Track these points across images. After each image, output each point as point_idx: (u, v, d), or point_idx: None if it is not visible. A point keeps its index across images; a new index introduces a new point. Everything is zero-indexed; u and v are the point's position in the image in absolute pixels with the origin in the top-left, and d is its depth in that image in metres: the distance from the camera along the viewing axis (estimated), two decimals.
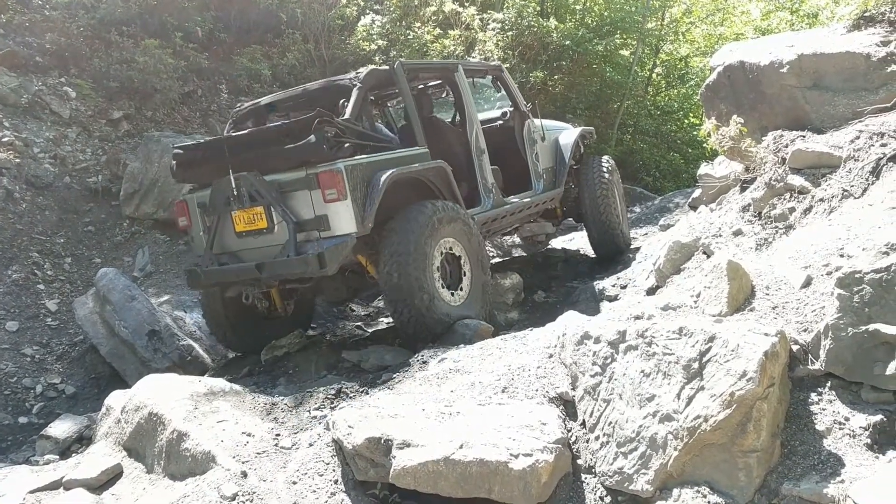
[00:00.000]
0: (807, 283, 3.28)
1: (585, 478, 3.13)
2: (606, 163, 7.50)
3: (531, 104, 7.11)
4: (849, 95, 5.02)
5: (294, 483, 3.47)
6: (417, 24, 11.66)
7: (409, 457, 3.10)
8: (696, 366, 2.91)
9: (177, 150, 5.62)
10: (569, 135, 7.51)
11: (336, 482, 3.43)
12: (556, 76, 12.23)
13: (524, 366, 3.71)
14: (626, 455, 3.00)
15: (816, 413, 2.88)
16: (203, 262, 5.38)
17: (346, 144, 4.99)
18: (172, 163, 5.61)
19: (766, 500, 2.72)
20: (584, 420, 3.26)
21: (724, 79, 5.76)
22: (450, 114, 7.42)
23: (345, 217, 4.89)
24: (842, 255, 3.29)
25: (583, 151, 7.69)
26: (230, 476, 3.50)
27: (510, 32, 11.48)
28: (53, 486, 4.08)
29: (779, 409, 2.86)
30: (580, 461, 3.18)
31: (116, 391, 4.78)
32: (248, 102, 6.28)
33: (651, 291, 5.24)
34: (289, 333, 5.98)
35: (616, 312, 3.53)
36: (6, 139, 8.02)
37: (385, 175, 5.05)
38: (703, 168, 6.90)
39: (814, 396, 2.93)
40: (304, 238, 4.98)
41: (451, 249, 5.44)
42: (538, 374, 3.61)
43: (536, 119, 7.07)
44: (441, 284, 5.27)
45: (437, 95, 7.31)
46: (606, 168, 7.41)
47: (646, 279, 5.75)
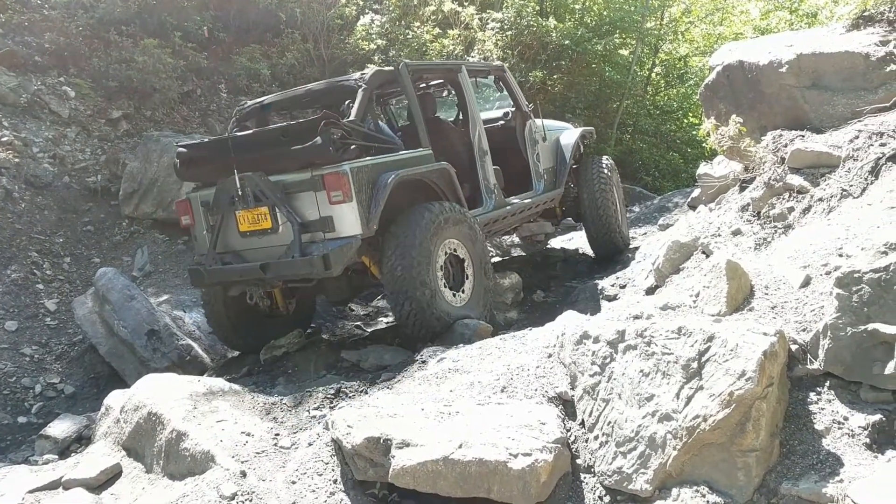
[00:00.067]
0: (806, 283, 3.29)
1: (584, 477, 3.13)
2: (606, 163, 7.52)
3: (533, 104, 7.11)
4: (848, 95, 5.03)
5: (293, 483, 3.47)
6: (417, 24, 11.64)
7: (409, 456, 3.10)
8: (695, 365, 2.92)
9: (180, 149, 5.62)
10: (570, 135, 7.52)
11: (335, 482, 3.43)
12: (556, 76, 12.22)
13: (523, 365, 3.71)
14: (626, 455, 3.00)
15: (815, 413, 2.88)
16: (206, 261, 5.38)
17: (352, 146, 5.01)
18: (176, 161, 5.60)
19: (765, 500, 2.72)
20: (584, 420, 3.26)
21: (724, 78, 5.77)
22: (449, 113, 7.42)
23: (350, 219, 4.90)
24: (841, 255, 3.29)
25: (582, 151, 7.69)
26: (229, 476, 3.50)
27: (509, 32, 11.48)
28: (52, 486, 4.09)
29: (778, 409, 2.87)
30: (579, 461, 3.18)
31: (115, 391, 4.78)
32: (252, 101, 6.27)
33: (650, 291, 5.24)
34: (290, 332, 5.98)
35: (615, 312, 3.53)
36: (5, 139, 8.01)
37: (390, 177, 5.07)
38: (703, 168, 6.91)
39: (813, 396, 2.94)
40: (309, 239, 4.99)
41: (456, 251, 5.45)
42: (537, 374, 3.61)
43: (538, 119, 7.08)
44: (444, 284, 5.29)
45: (438, 95, 7.31)
46: (605, 168, 7.44)
47: (645, 279, 5.76)
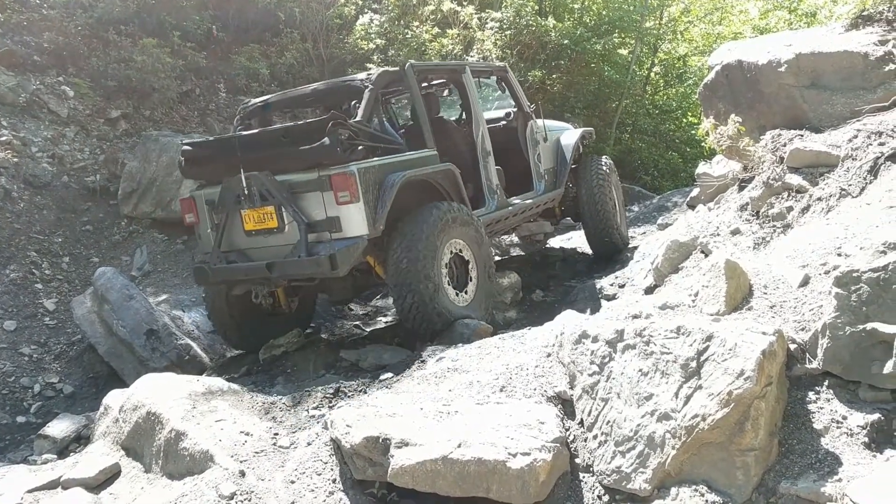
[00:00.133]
0: (804, 283, 3.29)
1: (583, 476, 3.13)
2: (604, 162, 7.56)
3: (535, 105, 7.14)
4: (847, 94, 5.03)
5: (292, 482, 3.47)
6: (416, 24, 11.64)
7: (408, 456, 3.10)
8: (694, 365, 2.92)
9: (185, 146, 5.63)
10: (570, 136, 7.56)
11: (334, 481, 3.43)
12: (555, 75, 12.21)
13: (522, 365, 3.71)
14: (625, 454, 3.00)
15: (814, 412, 2.88)
16: (211, 260, 5.39)
17: (360, 147, 5.02)
18: (180, 158, 5.61)
19: (764, 499, 2.72)
20: (583, 419, 3.26)
21: (723, 78, 5.77)
22: (448, 113, 7.42)
23: (357, 219, 4.92)
24: (839, 255, 3.30)
25: (581, 152, 7.71)
26: (228, 475, 3.50)
27: (508, 31, 11.47)
28: (51, 486, 4.09)
29: (776, 408, 2.87)
30: (578, 460, 3.18)
31: (114, 390, 4.78)
32: (256, 100, 6.26)
33: (649, 290, 5.24)
34: (290, 331, 5.99)
35: (614, 311, 3.53)
36: (4, 138, 8.00)
37: (397, 178, 5.10)
38: (702, 167, 6.91)
39: (811, 395, 2.94)
40: (315, 239, 5.01)
41: (461, 252, 5.48)
42: (536, 374, 3.61)
43: (539, 120, 7.10)
44: (447, 282, 5.31)
45: (438, 94, 7.32)
46: (604, 167, 7.47)
47: (644, 278, 5.76)
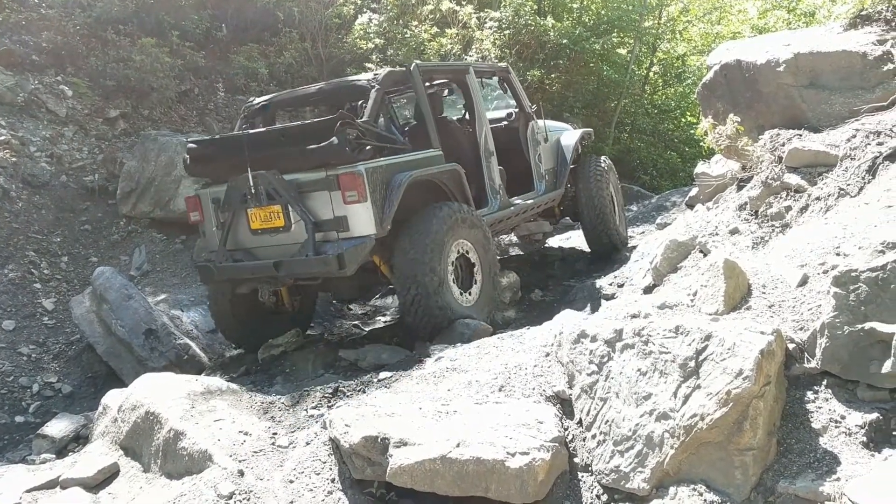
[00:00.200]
0: (803, 282, 3.29)
1: (582, 476, 3.13)
2: (603, 162, 7.60)
3: (535, 105, 7.17)
4: (845, 94, 5.03)
5: (291, 482, 3.47)
6: (414, 23, 11.64)
7: (406, 455, 3.10)
8: (693, 364, 2.92)
9: (191, 144, 5.64)
10: (570, 136, 7.61)
11: (333, 481, 3.43)
12: (554, 75, 12.22)
13: (521, 364, 3.71)
14: (623, 453, 3.01)
15: (812, 411, 2.88)
16: (217, 258, 5.39)
17: (367, 147, 5.04)
18: (186, 156, 5.63)
19: (763, 499, 2.72)
20: (581, 419, 3.26)
21: (721, 77, 5.77)
22: (449, 112, 7.42)
23: (364, 218, 4.94)
24: (838, 254, 3.30)
25: (580, 152, 7.74)
26: (227, 475, 3.50)
27: (507, 31, 11.46)
28: (50, 486, 4.09)
29: (775, 408, 2.87)
30: (577, 459, 3.18)
31: (113, 390, 4.78)
32: (260, 99, 6.27)
33: (648, 290, 5.23)
34: (294, 329, 6.02)
35: (613, 311, 3.53)
36: (2, 138, 7.99)
37: (403, 177, 5.12)
38: (700, 167, 6.90)
39: (810, 395, 2.94)
40: (322, 238, 5.02)
41: (468, 254, 5.51)
42: (535, 373, 3.61)
43: (540, 120, 7.14)
44: (452, 279, 5.33)
45: (439, 94, 7.34)
46: (603, 167, 7.51)
47: (643, 278, 5.76)
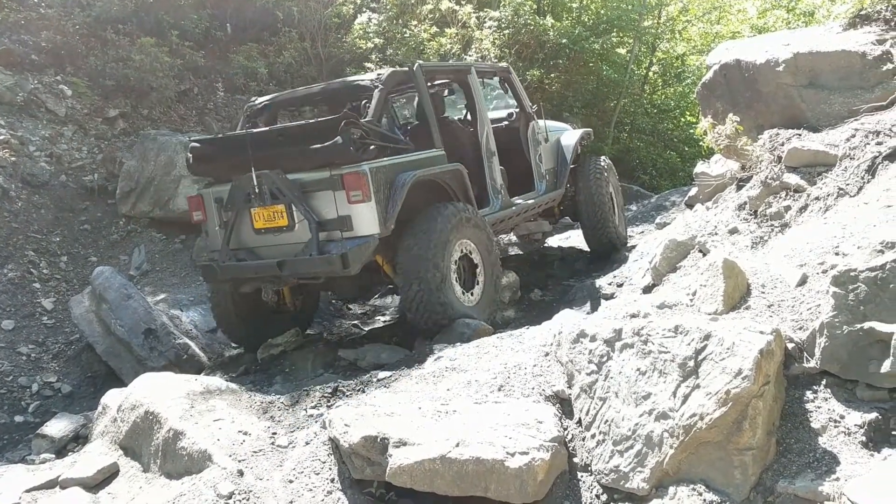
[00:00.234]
0: (802, 282, 3.29)
1: (581, 476, 3.13)
2: (604, 163, 7.63)
3: (536, 106, 7.19)
4: (844, 94, 5.03)
5: (290, 482, 3.47)
6: (414, 23, 11.64)
7: (406, 455, 3.10)
8: (692, 364, 2.92)
9: (194, 143, 5.65)
10: (570, 136, 7.64)
11: (332, 481, 3.43)
12: (553, 74, 12.22)
13: (520, 364, 3.71)
14: (623, 453, 3.01)
15: (812, 411, 2.89)
16: (220, 258, 5.40)
17: (371, 146, 5.05)
18: (188, 155, 5.63)
19: (762, 498, 2.72)
20: (581, 418, 3.26)
21: (721, 77, 5.77)
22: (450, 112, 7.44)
23: (368, 218, 4.94)
24: (837, 254, 3.30)
25: (580, 152, 7.75)
26: (226, 475, 3.50)
27: (507, 31, 11.46)
28: (49, 485, 4.08)
29: (774, 407, 2.87)
30: (576, 459, 3.18)
31: (112, 390, 4.78)
32: (262, 98, 6.28)
33: (647, 290, 5.24)
34: (295, 328, 6.03)
35: (612, 311, 3.53)
36: (2, 137, 7.99)
37: (407, 177, 5.13)
38: (700, 166, 6.91)
39: (809, 394, 2.94)
40: (326, 237, 5.03)
41: (471, 254, 5.52)
42: (534, 373, 3.61)
43: (541, 121, 7.15)
44: (455, 278, 5.34)
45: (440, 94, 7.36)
46: (603, 168, 7.54)
47: (642, 277, 5.76)
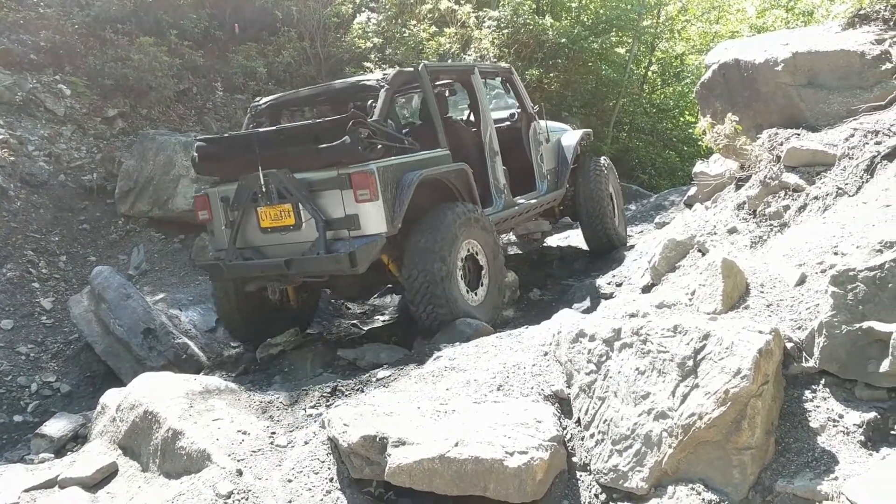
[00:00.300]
0: (801, 281, 3.29)
1: (580, 475, 3.14)
2: (604, 163, 7.66)
3: (538, 106, 7.22)
4: (843, 93, 5.03)
5: (289, 481, 3.47)
6: (413, 22, 11.64)
7: (405, 455, 3.10)
8: (691, 363, 2.92)
9: (200, 143, 5.67)
10: (570, 137, 7.68)
11: (331, 480, 3.43)
12: (552, 74, 12.21)
13: (519, 364, 3.71)
14: (621, 452, 3.01)
15: (810, 410, 2.89)
16: (226, 256, 5.41)
17: (378, 146, 5.07)
18: (194, 155, 5.66)
19: (761, 498, 2.72)
20: (580, 418, 3.26)
21: (720, 77, 5.77)
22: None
23: (375, 217, 4.97)
24: (836, 253, 3.30)
25: (580, 152, 7.77)
26: (225, 474, 3.50)
27: (506, 30, 11.46)
28: (48, 485, 4.08)
29: (773, 407, 2.87)
30: (575, 459, 3.18)
31: (111, 389, 4.78)
32: (267, 98, 6.31)
33: (646, 289, 5.24)
34: (294, 328, 6.04)
35: (611, 310, 3.53)
36: (1, 137, 7.98)
37: (414, 176, 5.15)
38: (699, 166, 6.92)
39: (808, 394, 2.94)
40: (333, 236, 5.05)
41: (477, 255, 5.55)
42: (533, 372, 3.61)
43: (542, 121, 7.17)
44: (461, 275, 5.35)
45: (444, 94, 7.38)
46: (603, 168, 7.57)
47: (641, 277, 5.77)
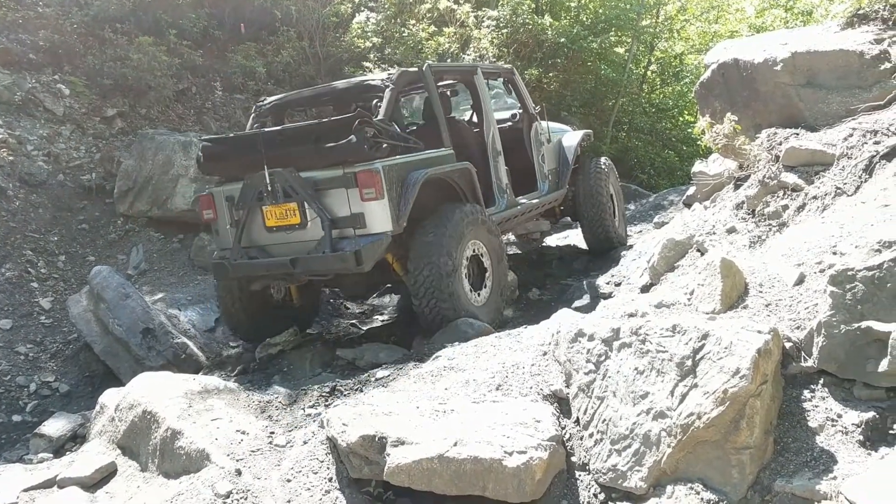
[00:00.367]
0: (800, 281, 3.30)
1: (579, 475, 3.14)
2: (604, 163, 7.70)
3: (539, 107, 7.24)
4: (842, 93, 5.03)
5: (288, 481, 3.47)
6: (412, 22, 11.64)
7: (404, 454, 3.10)
8: (690, 363, 2.92)
9: (205, 142, 5.71)
10: (571, 137, 7.71)
11: (330, 480, 3.43)
12: (551, 74, 12.22)
13: (518, 363, 3.71)
14: (620, 452, 3.01)
15: (809, 410, 2.89)
16: (232, 256, 5.42)
17: (384, 145, 5.09)
18: (199, 154, 5.69)
19: (759, 497, 2.73)
20: (579, 417, 3.26)
21: (719, 76, 5.78)
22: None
23: (381, 216, 4.99)
24: (835, 253, 3.30)
25: (580, 153, 7.78)
26: (224, 474, 3.50)
27: (505, 30, 11.47)
28: (47, 485, 4.08)
29: (772, 407, 2.87)
30: (574, 458, 3.18)
31: (110, 389, 4.78)
32: (272, 98, 6.34)
33: (645, 289, 5.24)
34: (293, 327, 6.05)
35: (610, 310, 3.53)
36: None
37: (419, 175, 5.18)
38: (698, 166, 6.92)
39: (806, 393, 2.94)
40: (339, 235, 5.07)
41: (481, 256, 5.57)
42: (532, 372, 3.61)
43: (543, 121, 7.20)
44: (465, 273, 5.38)
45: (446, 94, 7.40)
46: (603, 168, 7.60)
47: (640, 277, 5.77)
